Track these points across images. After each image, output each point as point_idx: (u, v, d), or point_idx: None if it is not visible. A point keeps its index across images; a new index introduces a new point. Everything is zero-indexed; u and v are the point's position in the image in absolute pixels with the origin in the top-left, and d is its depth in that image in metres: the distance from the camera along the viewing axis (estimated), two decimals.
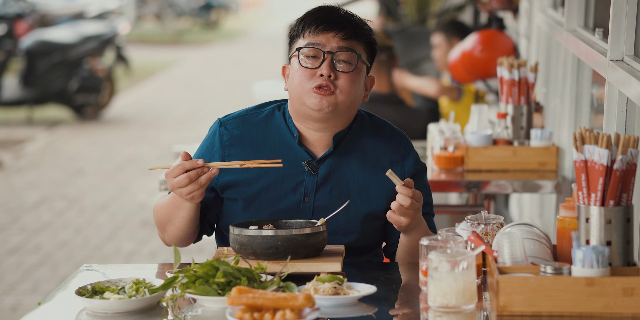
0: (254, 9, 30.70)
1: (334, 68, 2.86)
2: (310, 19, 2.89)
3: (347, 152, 2.94)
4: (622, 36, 3.33)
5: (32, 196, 8.61)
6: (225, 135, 2.96)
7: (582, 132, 2.40)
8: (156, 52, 19.64)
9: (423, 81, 6.67)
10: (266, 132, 2.95)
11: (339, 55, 2.87)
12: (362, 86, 2.92)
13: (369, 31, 2.96)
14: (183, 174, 2.74)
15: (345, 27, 2.88)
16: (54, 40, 12.11)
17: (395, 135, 3.02)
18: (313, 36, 2.88)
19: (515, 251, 2.50)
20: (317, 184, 2.92)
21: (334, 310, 2.46)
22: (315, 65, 2.86)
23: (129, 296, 2.50)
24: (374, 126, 3.00)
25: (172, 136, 11.18)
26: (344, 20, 2.90)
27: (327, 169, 2.92)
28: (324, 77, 2.84)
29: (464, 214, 4.44)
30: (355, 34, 2.89)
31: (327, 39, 2.87)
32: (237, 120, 2.98)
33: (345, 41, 2.87)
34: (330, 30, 2.87)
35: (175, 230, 2.92)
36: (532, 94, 4.39)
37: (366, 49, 2.93)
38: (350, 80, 2.86)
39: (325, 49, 2.86)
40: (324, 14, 2.90)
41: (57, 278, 6.42)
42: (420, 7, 9.55)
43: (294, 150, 2.93)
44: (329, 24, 2.88)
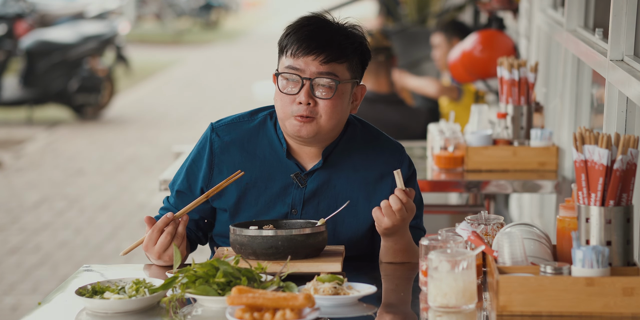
0: (254, 9, 30.70)
1: (312, 95, 2.81)
2: (293, 38, 2.82)
3: (337, 165, 2.91)
4: (622, 36, 3.33)
5: (32, 196, 8.61)
6: (216, 142, 2.95)
7: (582, 132, 2.40)
8: (156, 52, 19.64)
9: (423, 81, 6.67)
10: (257, 141, 2.94)
11: (318, 81, 2.81)
12: (346, 105, 2.86)
13: (357, 46, 2.85)
14: (162, 234, 2.77)
15: (326, 48, 2.79)
16: (54, 40, 12.12)
17: (389, 146, 2.98)
18: (294, 58, 2.81)
19: (515, 251, 2.50)
20: (305, 198, 2.90)
21: (334, 310, 2.46)
22: (294, 90, 2.81)
23: (129, 296, 2.50)
24: (367, 137, 2.97)
25: (172, 136, 11.18)
26: (327, 40, 2.80)
27: (315, 183, 2.91)
28: (303, 105, 2.80)
29: (464, 214, 4.44)
30: (338, 56, 2.81)
31: (307, 63, 2.80)
32: (229, 127, 2.97)
33: (325, 65, 2.80)
34: (310, 53, 2.79)
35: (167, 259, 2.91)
36: (532, 94, 4.39)
37: (351, 66, 2.85)
38: (331, 106, 2.81)
39: (304, 74, 2.80)
40: (307, 32, 2.81)
41: (57, 278, 6.42)
42: (420, 7, 9.55)
43: (283, 162, 2.91)
44: (310, 45, 2.79)
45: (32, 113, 12.06)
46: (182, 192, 2.98)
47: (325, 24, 2.86)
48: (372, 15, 14.57)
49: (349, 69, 2.84)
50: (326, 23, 2.86)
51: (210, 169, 2.94)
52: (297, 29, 2.83)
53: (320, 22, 2.86)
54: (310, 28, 2.83)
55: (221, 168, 2.93)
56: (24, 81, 11.86)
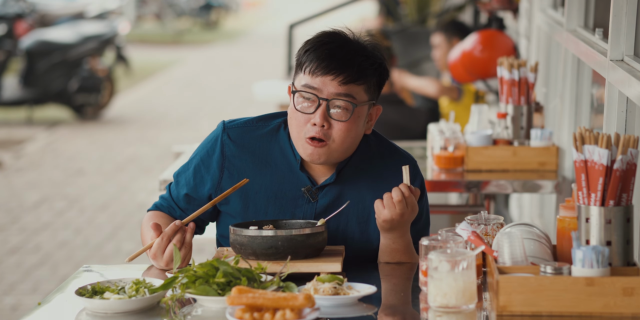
0: (254, 9, 30.70)
1: (328, 117, 2.76)
2: (313, 55, 2.75)
3: (349, 180, 2.87)
4: (622, 36, 3.33)
5: (32, 196, 8.61)
6: (227, 144, 2.89)
7: (582, 132, 2.40)
8: (156, 52, 19.64)
9: (423, 81, 6.67)
10: (269, 149, 2.89)
11: (335, 102, 2.76)
12: (360, 128, 2.81)
13: (376, 67, 2.80)
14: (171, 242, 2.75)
15: (346, 69, 2.74)
16: (54, 40, 12.12)
17: (398, 157, 2.92)
18: (312, 77, 2.75)
19: (515, 251, 2.50)
20: (316, 213, 2.87)
21: (334, 310, 2.46)
22: (310, 110, 2.76)
23: (129, 296, 2.50)
24: (381, 151, 2.92)
25: (172, 136, 11.18)
26: (347, 60, 2.74)
27: (327, 198, 2.87)
28: (317, 126, 2.76)
29: (464, 214, 4.44)
30: (357, 77, 2.75)
31: (325, 83, 2.74)
32: (242, 130, 2.90)
33: (343, 86, 2.74)
34: (329, 74, 2.73)
35: None
36: (532, 94, 4.39)
37: (369, 88, 2.81)
38: (345, 130, 2.77)
39: (322, 95, 2.75)
40: (327, 51, 2.75)
41: (57, 278, 6.43)
42: (420, 7, 9.55)
43: (296, 173, 2.87)
44: (329, 65, 2.73)
45: (32, 113, 12.07)
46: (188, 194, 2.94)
47: (346, 42, 2.79)
48: (372, 15, 14.57)
49: (366, 90, 2.80)
50: (347, 41, 2.79)
51: (221, 171, 2.89)
52: (317, 46, 2.76)
53: (341, 40, 2.79)
54: (331, 46, 2.76)
55: (232, 172, 2.88)
56: (24, 81, 11.87)
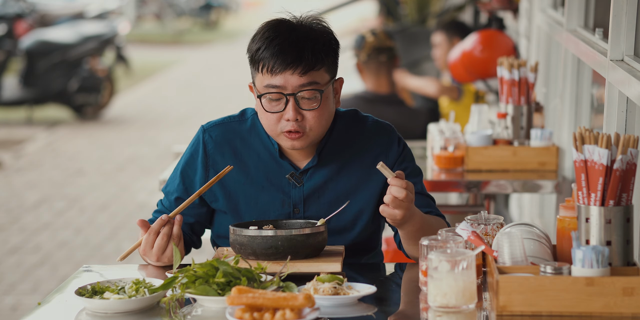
0: (254, 9, 30.70)
1: (299, 109, 2.78)
2: (265, 54, 2.76)
3: (331, 159, 2.91)
4: (622, 36, 3.33)
5: (32, 196, 8.61)
6: (208, 143, 2.94)
7: (582, 132, 2.40)
8: (156, 52, 19.64)
9: (423, 81, 6.67)
10: (250, 141, 2.93)
11: (301, 94, 2.78)
12: (332, 107, 2.85)
13: (327, 44, 2.81)
14: (158, 237, 2.76)
15: (302, 60, 2.74)
16: (54, 40, 12.12)
17: (377, 128, 2.97)
18: (271, 76, 2.76)
19: (515, 251, 2.50)
20: (304, 196, 2.90)
21: (334, 310, 2.46)
22: (280, 108, 2.78)
23: (129, 296, 2.50)
24: (356, 123, 2.96)
25: (172, 136, 11.19)
26: (300, 49, 2.75)
27: (312, 180, 2.90)
28: (291, 121, 2.78)
29: (464, 214, 4.44)
30: (314, 64, 2.76)
31: (285, 79, 2.75)
32: (220, 127, 2.95)
33: (304, 76, 2.76)
34: (287, 69, 2.75)
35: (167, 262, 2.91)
36: (532, 94, 4.39)
37: (329, 66, 2.82)
38: (319, 115, 2.80)
39: (287, 91, 2.76)
40: (278, 46, 2.75)
41: (57, 278, 6.43)
42: (420, 7, 9.55)
43: (278, 162, 2.91)
44: (285, 60, 2.74)
45: (32, 113, 12.07)
46: (180, 197, 2.97)
47: (292, 31, 2.79)
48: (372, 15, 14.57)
49: (327, 71, 2.82)
50: (292, 30, 2.80)
51: (206, 170, 2.94)
52: (267, 43, 2.77)
53: (287, 30, 2.79)
54: (279, 40, 2.76)
55: (217, 169, 2.92)
56: (24, 81, 11.87)
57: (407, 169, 2.96)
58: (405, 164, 2.97)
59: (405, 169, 2.95)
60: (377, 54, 5.80)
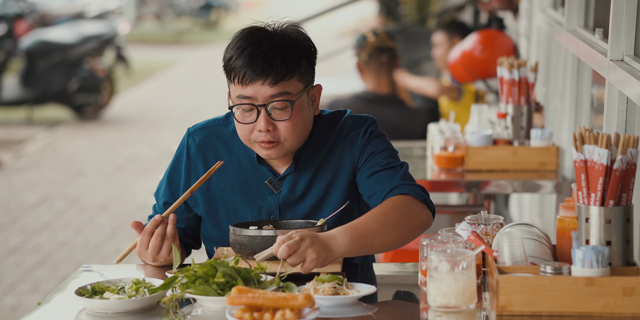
0: (254, 9, 30.70)
1: (270, 120, 2.76)
2: (236, 64, 2.75)
3: (307, 164, 2.89)
4: (622, 36, 3.33)
5: (32, 196, 8.61)
6: (192, 147, 2.95)
7: (582, 132, 2.40)
8: (156, 52, 19.64)
9: (423, 81, 6.67)
10: (231, 147, 2.92)
11: (272, 104, 2.76)
12: (307, 115, 2.82)
13: (300, 52, 2.77)
14: (152, 237, 2.76)
15: (271, 70, 2.72)
16: (54, 40, 12.12)
17: (349, 124, 2.91)
18: (242, 86, 2.74)
19: (515, 251, 2.50)
20: (280, 203, 2.89)
21: (334, 310, 2.46)
22: (252, 118, 2.77)
23: (129, 296, 2.50)
24: (332, 124, 2.92)
25: (172, 136, 11.19)
26: (269, 60, 2.72)
27: (288, 187, 2.88)
28: (263, 131, 2.77)
29: (464, 214, 4.44)
30: (284, 74, 2.73)
31: (256, 89, 2.73)
32: (204, 131, 2.96)
33: (275, 86, 2.73)
34: (257, 79, 2.72)
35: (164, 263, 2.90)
36: (532, 94, 4.39)
37: (302, 75, 2.78)
38: (292, 126, 2.77)
39: (257, 102, 2.75)
40: (249, 57, 2.73)
41: (57, 278, 6.43)
42: (420, 7, 9.55)
43: (257, 168, 2.90)
44: (255, 71, 2.72)
45: (32, 113, 12.07)
46: (167, 202, 2.98)
47: (263, 40, 2.76)
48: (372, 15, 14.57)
49: (300, 79, 2.78)
50: (264, 39, 2.77)
51: (188, 175, 2.94)
52: (238, 54, 2.76)
53: (258, 40, 2.76)
54: (251, 50, 2.74)
55: (198, 174, 2.93)
56: (24, 81, 11.87)
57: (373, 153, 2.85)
58: (370, 149, 2.86)
59: (370, 154, 2.85)
60: (378, 54, 5.81)
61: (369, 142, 2.87)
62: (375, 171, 2.82)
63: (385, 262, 3.05)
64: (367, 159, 2.86)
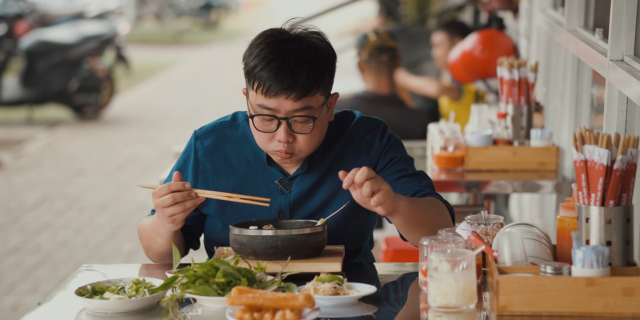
0: (254, 9, 30.70)
1: (291, 132, 2.77)
2: (261, 75, 2.71)
3: (319, 165, 2.90)
4: (622, 36, 3.33)
5: (32, 196, 8.61)
6: (200, 149, 2.94)
7: (582, 132, 2.40)
8: (156, 52, 19.64)
9: (423, 81, 6.67)
10: (240, 148, 2.92)
11: (294, 118, 2.75)
12: (324, 125, 2.82)
13: (324, 64, 2.75)
14: (169, 194, 2.73)
15: (296, 86, 2.70)
16: (54, 40, 12.12)
17: (361, 125, 2.93)
18: (264, 98, 2.72)
19: (515, 251, 2.50)
20: (291, 202, 2.89)
21: (334, 310, 2.46)
22: (271, 128, 2.77)
23: (129, 296, 2.50)
24: (343, 125, 2.93)
25: (172, 136, 11.19)
26: (295, 75, 2.70)
27: (299, 187, 2.89)
28: (282, 142, 2.77)
29: (464, 214, 4.43)
30: (309, 90, 2.72)
31: (279, 103, 2.72)
32: (213, 134, 2.95)
33: (299, 102, 2.72)
34: (281, 94, 2.71)
35: (159, 248, 2.91)
36: (532, 94, 4.39)
37: (324, 88, 2.77)
38: (310, 138, 2.78)
39: (280, 114, 2.74)
40: (275, 69, 2.70)
41: (57, 278, 6.42)
42: (420, 7, 9.55)
43: (267, 168, 2.90)
44: (281, 85, 2.69)
45: (32, 113, 12.07)
46: None
47: (292, 51, 2.73)
48: (372, 15, 14.57)
49: (322, 93, 2.78)
50: (292, 50, 2.73)
51: (195, 177, 2.94)
52: (264, 64, 2.72)
53: (285, 52, 2.73)
54: (277, 63, 2.70)
55: (206, 176, 2.92)
56: (24, 81, 11.86)
57: (394, 159, 2.90)
58: (390, 154, 2.90)
59: (391, 159, 2.89)
60: (379, 54, 5.80)
61: (389, 148, 2.91)
62: (401, 176, 2.87)
63: (385, 262, 3.04)
64: (388, 164, 2.89)
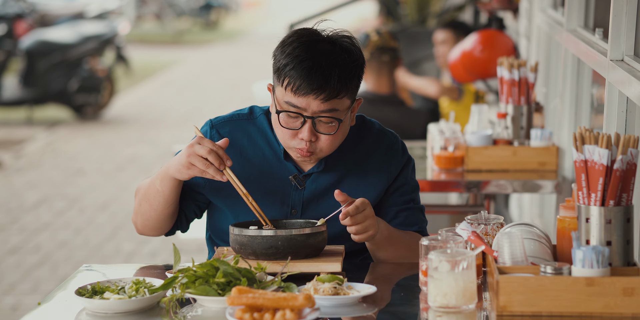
0: (254, 9, 30.70)
1: (315, 131, 2.79)
2: (293, 73, 2.73)
3: (335, 165, 2.92)
4: (622, 36, 3.33)
5: (32, 196, 8.61)
6: (215, 137, 2.93)
7: (582, 132, 2.40)
8: (156, 52, 19.64)
9: (423, 81, 6.66)
10: (256, 141, 2.93)
11: (320, 118, 2.78)
12: (347, 128, 2.85)
13: (355, 70, 2.79)
14: (208, 149, 2.70)
15: (326, 88, 2.73)
16: (54, 40, 12.11)
17: (382, 136, 2.98)
18: (294, 95, 2.75)
19: (515, 251, 2.50)
20: (304, 199, 2.91)
21: (334, 310, 2.46)
22: (296, 125, 2.79)
23: (129, 296, 2.50)
24: (362, 130, 2.97)
25: (172, 136, 11.19)
26: (326, 77, 2.72)
27: (314, 184, 2.91)
28: (305, 141, 2.79)
29: (464, 214, 4.44)
30: (338, 92, 2.75)
31: (308, 102, 2.74)
32: (229, 124, 2.95)
33: (326, 103, 2.75)
34: (310, 93, 2.73)
35: (150, 208, 2.88)
36: (532, 94, 4.39)
37: (352, 92, 2.80)
38: (333, 139, 2.81)
39: (306, 113, 2.76)
40: (307, 69, 2.72)
41: (57, 278, 6.42)
42: (420, 7, 9.55)
43: (282, 163, 2.92)
44: (311, 85, 2.72)
45: (32, 113, 12.07)
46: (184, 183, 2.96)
47: (325, 53, 2.75)
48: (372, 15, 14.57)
49: (349, 97, 2.81)
50: (325, 52, 2.75)
51: None
52: (297, 63, 2.74)
53: (318, 52, 2.75)
54: (310, 64, 2.73)
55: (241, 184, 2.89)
56: (24, 81, 11.86)
57: (409, 185, 2.98)
58: (407, 176, 2.99)
59: (406, 184, 2.98)
60: (380, 54, 5.80)
61: (409, 169, 3.00)
62: (408, 208, 2.98)
63: (385, 262, 3.04)
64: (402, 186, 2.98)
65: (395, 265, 2.92)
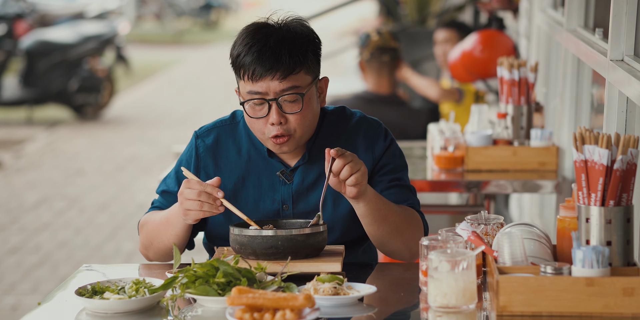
0: (254, 9, 30.70)
1: (282, 113, 2.82)
2: (245, 61, 2.79)
3: (320, 156, 2.93)
4: (622, 36, 3.33)
5: (32, 196, 8.61)
6: (201, 146, 2.98)
7: (582, 132, 2.40)
8: (156, 52, 19.64)
9: (425, 82, 6.65)
10: (240, 144, 2.97)
11: (283, 98, 2.80)
12: (315, 107, 2.87)
13: (306, 46, 2.82)
14: (198, 190, 2.73)
15: (279, 66, 2.77)
16: (54, 40, 12.12)
17: (364, 123, 2.99)
18: (252, 83, 2.80)
19: (515, 251, 2.50)
20: (293, 193, 2.93)
21: (334, 310, 2.46)
22: (263, 113, 2.82)
23: (129, 296, 2.50)
24: (344, 120, 2.99)
25: (172, 136, 11.19)
26: (277, 55, 2.77)
27: (301, 177, 2.93)
28: (275, 125, 2.82)
29: (464, 214, 4.44)
30: (293, 68, 2.79)
31: (266, 85, 2.78)
32: (213, 132, 3.00)
33: (285, 81, 2.79)
34: (266, 75, 2.78)
35: (162, 246, 2.94)
36: (532, 94, 4.39)
37: (309, 68, 2.83)
38: (302, 117, 2.83)
39: (268, 96, 2.80)
40: (256, 53, 2.78)
41: (57, 278, 6.43)
42: (420, 7, 9.55)
43: (268, 161, 2.94)
44: (264, 67, 2.77)
45: (32, 113, 12.07)
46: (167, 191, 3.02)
47: (270, 36, 2.81)
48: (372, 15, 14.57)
49: (307, 72, 2.83)
50: (270, 34, 2.81)
51: (197, 173, 2.97)
52: (246, 50, 2.81)
53: (265, 36, 2.81)
54: (259, 47, 2.78)
55: (208, 172, 2.96)
56: (24, 81, 11.87)
57: (394, 164, 2.97)
58: (391, 157, 2.98)
59: (391, 163, 2.97)
60: (380, 54, 5.80)
61: (392, 150, 2.99)
62: (394, 185, 2.95)
63: (385, 262, 3.05)
64: (386, 166, 2.96)
65: (395, 265, 2.92)
